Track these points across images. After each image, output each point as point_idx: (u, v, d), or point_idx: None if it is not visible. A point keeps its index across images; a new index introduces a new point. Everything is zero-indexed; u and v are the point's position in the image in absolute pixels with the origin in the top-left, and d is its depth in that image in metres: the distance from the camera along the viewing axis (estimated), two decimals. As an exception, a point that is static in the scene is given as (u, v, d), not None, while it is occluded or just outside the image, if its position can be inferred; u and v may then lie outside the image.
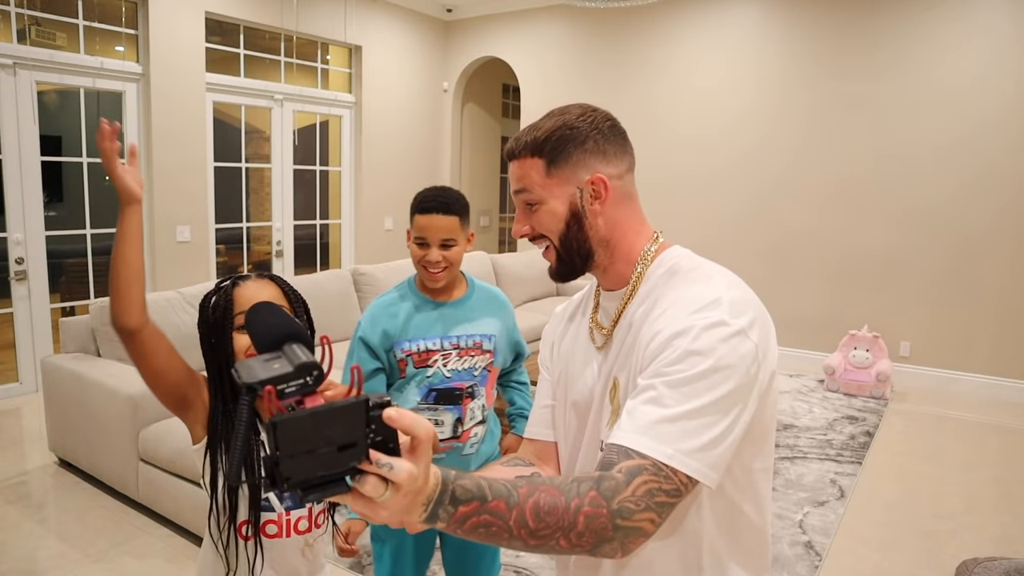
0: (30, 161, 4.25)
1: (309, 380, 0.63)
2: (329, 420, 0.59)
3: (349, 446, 0.60)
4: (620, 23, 6.01)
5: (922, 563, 2.65)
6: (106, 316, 3.18)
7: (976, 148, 4.67)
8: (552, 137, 0.94)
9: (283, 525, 1.20)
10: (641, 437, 0.78)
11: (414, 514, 0.66)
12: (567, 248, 0.96)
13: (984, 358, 4.77)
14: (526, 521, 0.71)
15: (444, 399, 1.58)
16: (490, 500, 0.70)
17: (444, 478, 0.68)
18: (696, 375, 0.80)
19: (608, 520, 0.73)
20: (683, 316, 0.85)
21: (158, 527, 2.78)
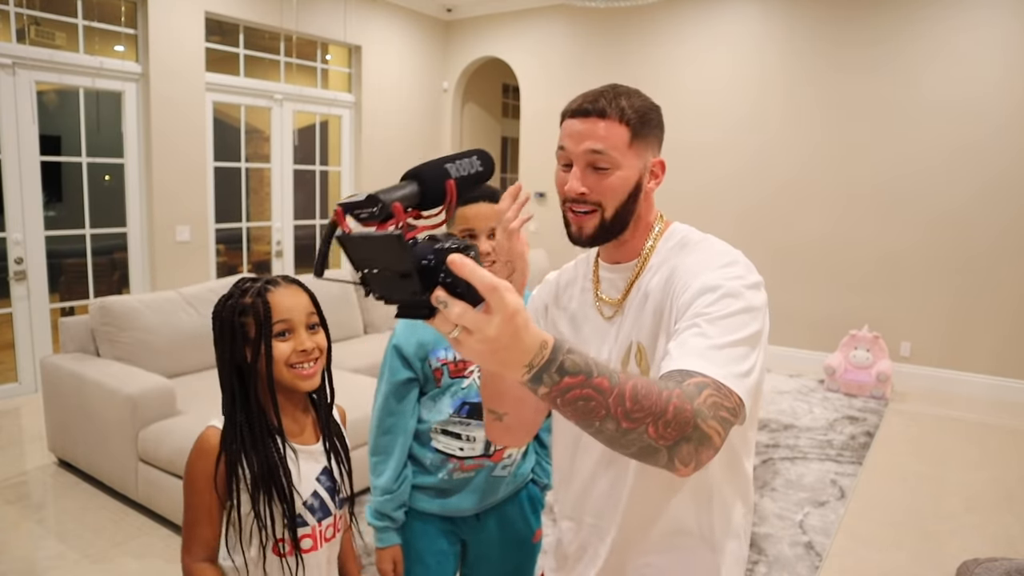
0: (29, 161, 4.25)
1: (375, 211, 0.69)
2: (373, 245, 0.65)
3: (406, 275, 0.64)
4: (620, 23, 6.01)
5: (922, 563, 2.65)
6: (105, 316, 3.19)
7: (979, 150, 4.67)
8: (641, 112, 0.99)
9: (316, 537, 1.19)
10: (696, 359, 0.85)
11: (514, 370, 0.69)
12: (617, 216, 1.01)
13: (985, 358, 4.77)
14: (624, 401, 0.73)
15: (477, 414, 1.48)
16: (595, 376, 0.72)
17: (556, 346, 0.70)
18: (731, 312, 0.90)
19: (692, 416, 0.77)
20: (711, 270, 0.95)
21: (158, 527, 2.77)
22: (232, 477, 1.11)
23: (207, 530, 1.12)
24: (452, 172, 0.77)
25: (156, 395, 2.85)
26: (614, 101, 0.98)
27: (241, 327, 1.13)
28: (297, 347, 1.15)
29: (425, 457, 1.51)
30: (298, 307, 1.16)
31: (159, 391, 2.87)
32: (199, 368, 3.46)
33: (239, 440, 1.12)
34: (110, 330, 3.19)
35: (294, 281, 1.20)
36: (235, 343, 1.13)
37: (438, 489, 1.52)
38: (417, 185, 0.74)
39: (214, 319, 1.17)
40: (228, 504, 1.13)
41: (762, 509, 3.03)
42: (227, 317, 1.14)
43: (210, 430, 1.14)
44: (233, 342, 1.14)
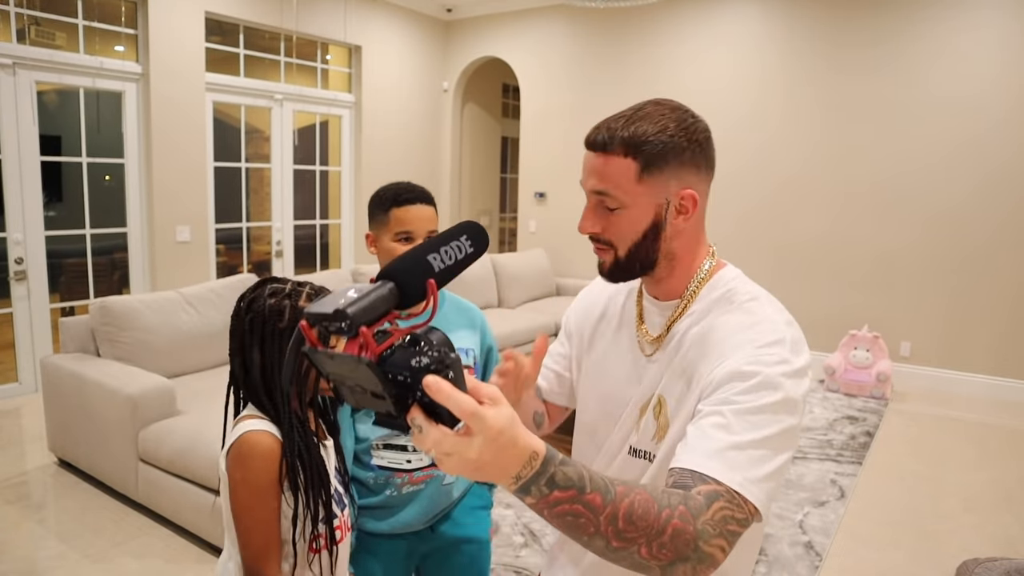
0: (30, 161, 4.25)
1: (343, 326, 0.63)
2: (341, 363, 0.62)
3: (378, 396, 0.62)
4: (620, 23, 6.01)
5: (922, 563, 2.65)
6: (106, 316, 3.19)
7: (980, 150, 4.67)
8: (652, 140, 0.87)
9: (343, 527, 1.22)
10: (711, 462, 0.78)
11: (501, 481, 0.66)
12: (633, 257, 0.92)
13: (984, 358, 4.77)
14: (616, 520, 0.69)
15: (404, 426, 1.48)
16: (588, 492, 0.68)
17: (548, 458, 0.67)
18: (762, 407, 0.81)
19: (692, 538, 0.72)
20: (751, 349, 0.86)
21: (158, 527, 2.77)
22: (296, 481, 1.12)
23: (277, 536, 1.11)
24: (435, 265, 0.70)
25: (156, 395, 2.86)
26: (624, 130, 0.88)
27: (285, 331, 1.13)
28: None
29: (367, 477, 1.44)
30: None
31: (159, 391, 2.87)
32: (199, 368, 3.46)
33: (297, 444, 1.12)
34: (110, 330, 3.19)
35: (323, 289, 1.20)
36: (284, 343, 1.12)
37: (385, 507, 1.45)
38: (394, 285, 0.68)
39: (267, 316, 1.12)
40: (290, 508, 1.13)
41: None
42: (292, 319, 1.12)
43: (258, 435, 1.11)
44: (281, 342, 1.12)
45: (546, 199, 6.64)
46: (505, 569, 2.52)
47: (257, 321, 1.13)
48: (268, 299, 1.14)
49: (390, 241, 1.41)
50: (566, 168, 6.39)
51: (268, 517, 1.09)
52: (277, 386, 1.13)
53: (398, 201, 1.41)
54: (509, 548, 2.66)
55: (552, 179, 6.55)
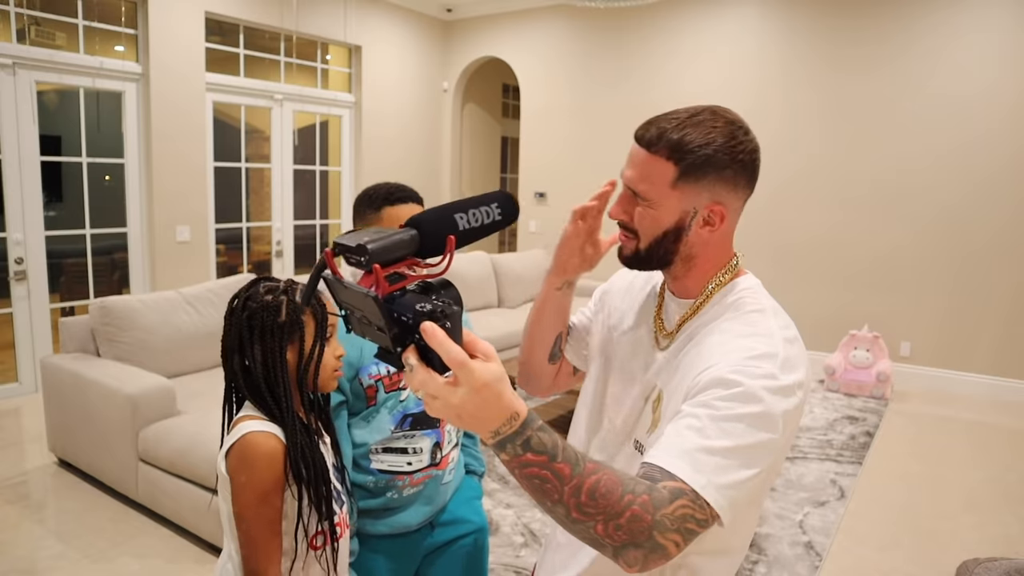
0: (30, 161, 4.25)
1: (363, 260, 0.68)
2: (355, 295, 0.67)
3: (380, 330, 0.67)
4: (620, 23, 6.01)
5: (922, 563, 2.65)
6: (106, 316, 3.19)
7: (981, 151, 4.67)
8: (699, 151, 0.89)
9: (342, 524, 1.22)
10: (679, 461, 0.80)
11: (480, 433, 0.71)
12: (651, 252, 0.95)
13: (985, 358, 4.77)
14: (580, 493, 0.73)
15: (421, 423, 1.44)
16: (558, 461, 0.72)
17: (527, 421, 0.72)
18: (741, 415, 0.82)
19: (648, 527, 0.74)
20: (738, 358, 0.86)
21: (158, 527, 2.77)
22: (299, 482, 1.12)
23: (279, 539, 1.11)
24: (459, 224, 0.74)
25: (156, 395, 2.86)
26: (672, 132, 0.89)
27: (302, 325, 1.14)
28: (335, 352, 1.19)
29: (367, 481, 1.44)
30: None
31: (159, 391, 2.87)
32: (199, 368, 3.47)
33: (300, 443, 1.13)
34: (110, 330, 3.19)
35: None
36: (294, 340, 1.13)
37: (387, 509, 1.46)
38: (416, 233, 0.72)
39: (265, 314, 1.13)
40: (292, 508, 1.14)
41: (762, 509, 3.03)
42: (291, 313, 1.13)
43: (260, 436, 1.11)
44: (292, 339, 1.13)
45: (546, 199, 6.63)
46: (505, 569, 2.52)
47: (256, 317, 1.13)
48: (265, 296, 1.14)
49: None
50: (566, 168, 6.39)
51: (272, 518, 1.10)
52: (280, 383, 1.13)
53: (391, 199, 1.42)
54: (509, 548, 2.66)
55: (552, 179, 6.54)
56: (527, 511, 2.97)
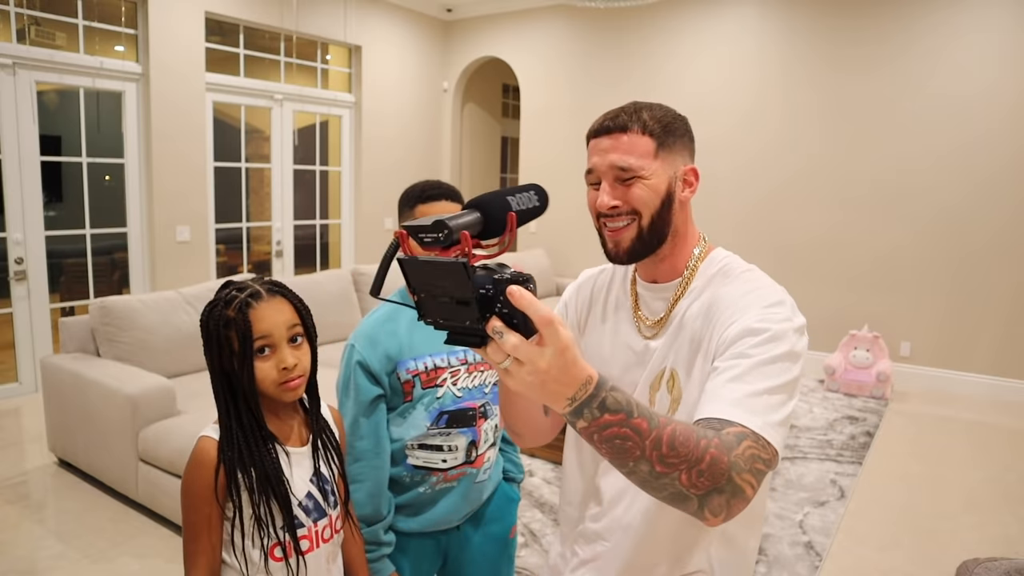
0: (30, 161, 4.25)
1: (440, 236, 0.70)
2: (435, 271, 0.66)
3: (464, 303, 0.66)
4: (620, 23, 6.01)
5: (922, 563, 2.65)
6: (106, 316, 3.19)
7: (981, 151, 4.67)
8: (664, 121, 1.00)
9: (313, 538, 1.19)
10: (735, 409, 0.84)
11: (557, 402, 0.70)
12: (653, 227, 1.00)
13: (985, 358, 4.77)
14: (660, 445, 0.74)
15: (457, 421, 1.43)
16: (635, 416, 0.73)
17: (600, 382, 0.72)
18: (774, 358, 0.88)
19: (727, 468, 0.77)
20: (758, 309, 0.94)
21: (158, 527, 2.77)
22: (232, 485, 1.12)
23: (208, 542, 1.12)
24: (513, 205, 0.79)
25: (156, 395, 2.86)
26: (635, 115, 0.99)
27: (227, 340, 1.13)
28: (279, 364, 1.14)
29: (402, 476, 1.44)
30: (280, 323, 1.15)
31: (159, 391, 2.87)
32: (199, 368, 3.46)
33: (236, 448, 1.12)
34: (110, 330, 3.19)
35: (279, 291, 1.18)
36: (222, 353, 1.13)
37: (416, 504, 1.46)
38: (480, 214, 0.76)
39: (202, 326, 1.16)
40: (232, 511, 1.13)
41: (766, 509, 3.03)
42: (212, 328, 1.14)
43: (205, 441, 1.14)
44: (220, 352, 1.13)
45: (546, 199, 6.62)
46: (505, 569, 2.52)
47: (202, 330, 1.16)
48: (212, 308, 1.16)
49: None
50: (566, 168, 6.39)
51: (198, 522, 1.11)
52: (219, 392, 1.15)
53: (423, 197, 1.44)
54: (509, 548, 2.66)
55: (552, 179, 6.54)
56: (527, 511, 2.96)
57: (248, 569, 1.14)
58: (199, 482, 1.11)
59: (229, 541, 1.14)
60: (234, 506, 1.12)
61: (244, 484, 1.12)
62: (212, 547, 1.12)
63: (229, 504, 1.13)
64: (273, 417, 1.19)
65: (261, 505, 1.12)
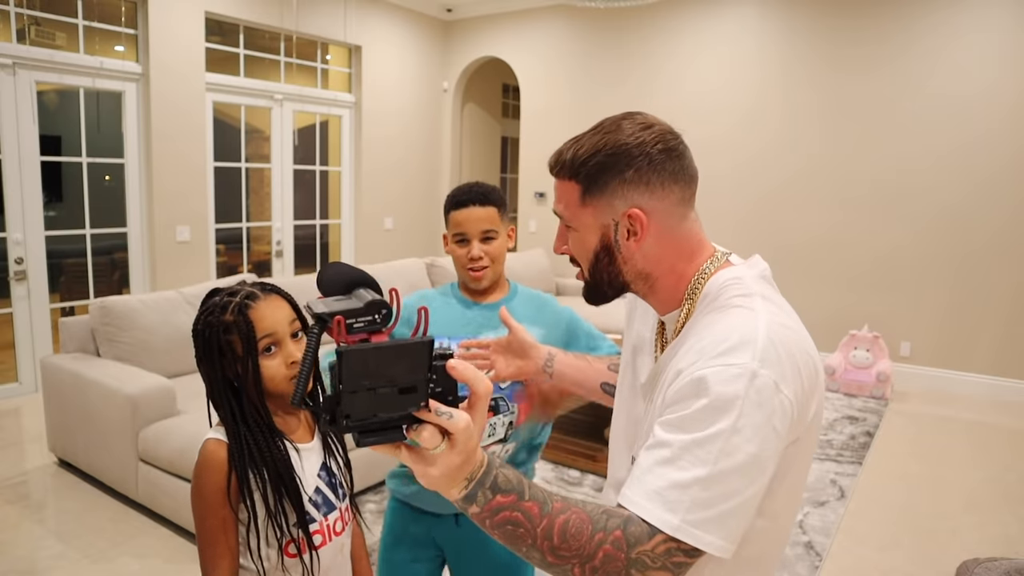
0: (30, 161, 4.25)
1: (377, 318, 0.64)
2: (393, 357, 0.60)
3: (409, 390, 0.61)
4: (620, 23, 6.01)
5: (922, 563, 2.65)
6: (106, 316, 3.19)
7: (981, 151, 4.67)
8: (590, 162, 0.85)
9: (325, 532, 1.19)
10: (648, 503, 0.72)
11: (455, 486, 0.67)
12: (596, 279, 0.90)
13: (985, 358, 4.77)
14: (551, 535, 0.70)
15: None
16: (526, 499, 0.70)
17: (489, 461, 0.69)
18: (712, 436, 0.72)
19: (623, 567, 0.70)
20: (704, 358, 0.76)
21: (158, 527, 2.77)
22: (244, 488, 1.11)
23: (225, 545, 1.11)
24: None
25: (156, 395, 2.86)
26: (567, 153, 0.87)
27: (228, 345, 1.12)
28: (287, 360, 1.14)
29: None
30: (281, 319, 1.15)
31: (159, 391, 2.87)
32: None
33: (247, 449, 1.12)
34: (110, 330, 3.19)
35: (273, 290, 1.18)
36: (224, 361, 1.13)
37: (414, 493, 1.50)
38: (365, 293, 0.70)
39: (196, 337, 1.15)
40: (246, 515, 1.13)
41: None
42: (211, 337, 1.13)
43: (212, 443, 1.13)
44: (222, 360, 1.13)
45: (546, 199, 6.63)
46: (505, 569, 2.52)
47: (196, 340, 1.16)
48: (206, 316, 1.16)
49: (452, 243, 1.47)
50: (566, 168, 6.38)
51: (215, 526, 1.10)
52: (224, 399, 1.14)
53: (454, 203, 1.46)
54: (509, 548, 2.66)
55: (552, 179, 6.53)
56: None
57: (265, 569, 1.14)
58: (211, 485, 1.10)
59: (245, 544, 1.13)
60: (247, 509, 1.12)
61: (257, 485, 1.11)
62: (231, 549, 1.11)
63: (242, 507, 1.12)
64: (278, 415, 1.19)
65: (275, 504, 1.12)
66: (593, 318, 5.88)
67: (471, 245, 1.43)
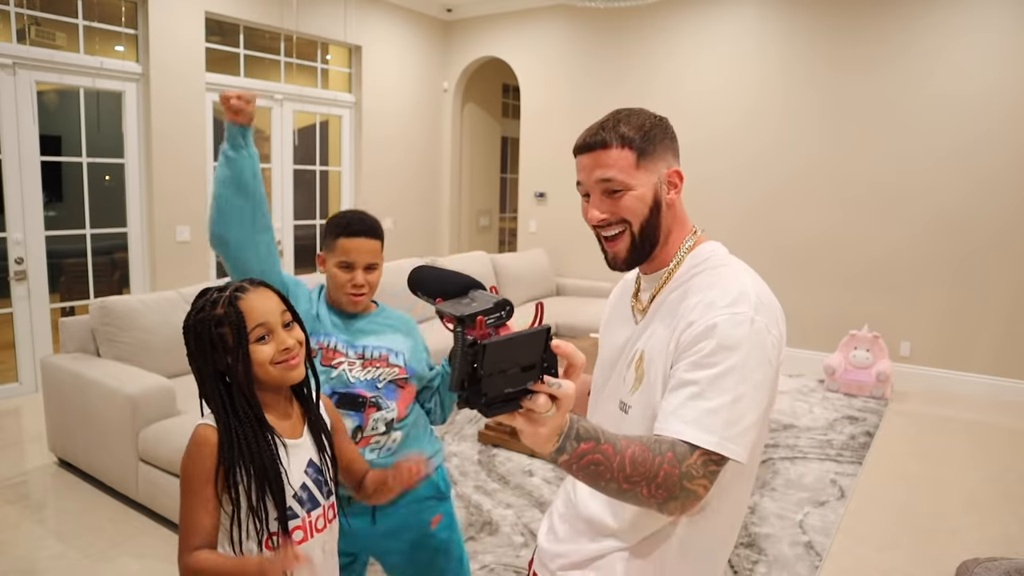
0: (30, 161, 4.25)
1: (503, 314, 0.80)
2: (520, 345, 0.73)
3: (529, 368, 0.74)
4: (620, 23, 6.01)
5: (922, 563, 2.65)
6: (106, 316, 3.19)
7: (981, 151, 4.67)
8: (643, 130, 1.03)
9: (307, 528, 1.20)
10: (691, 429, 0.90)
11: (550, 442, 0.80)
12: (644, 234, 1.05)
13: (985, 358, 4.77)
14: (624, 467, 0.85)
15: (346, 403, 1.53)
16: (602, 442, 0.84)
17: (570, 416, 0.81)
18: (732, 367, 0.91)
19: (678, 480, 0.87)
20: (715, 310, 0.95)
21: (158, 527, 2.78)
22: (230, 479, 1.12)
23: (205, 521, 1.12)
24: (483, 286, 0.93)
25: (156, 395, 2.86)
26: (614, 130, 1.03)
27: (220, 338, 1.14)
28: (279, 347, 1.16)
29: None
30: (271, 309, 1.18)
31: (159, 391, 2.87)
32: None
33: (236, 443, 1.13)
34: (110, 330, 3.19)
35: (260, 283, 1.21)
36: (216, 354, 1.15)
37: None
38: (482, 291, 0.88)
39: (187, 333, 1.16)
40: (231, 507, 1.14)
41: (762, 509, 3.03)
42: (203, 331, 1.15)
43: (203, 428, 1.15)
44: (214, 353, 1.15)
45: (546, 199, 6.63)
46: (505, 569, 2.52)
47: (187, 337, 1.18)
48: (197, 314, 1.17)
49: (334, 266, 1.58)
50: (566, 168, 6.39)
51: (196, 503, 1.11)
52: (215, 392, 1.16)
53: (348, 231, 1.57)
54: (509, 548, 2.66)
55: (552, 179, 6.54)
56: (527, 511, 2.97)
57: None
58: (200, 462, 1.12)
59: (227, 536, 1.14)
60: (231, 501, 1.13)
61: (243, 480, 1.12)
62: (209, 527, 1.12)
63: (227, 498, 1.14)
64: (272, 410, 1.20)
65: (257, 500, 1.13)
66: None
67: (355, 273, 1.56)
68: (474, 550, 2.63)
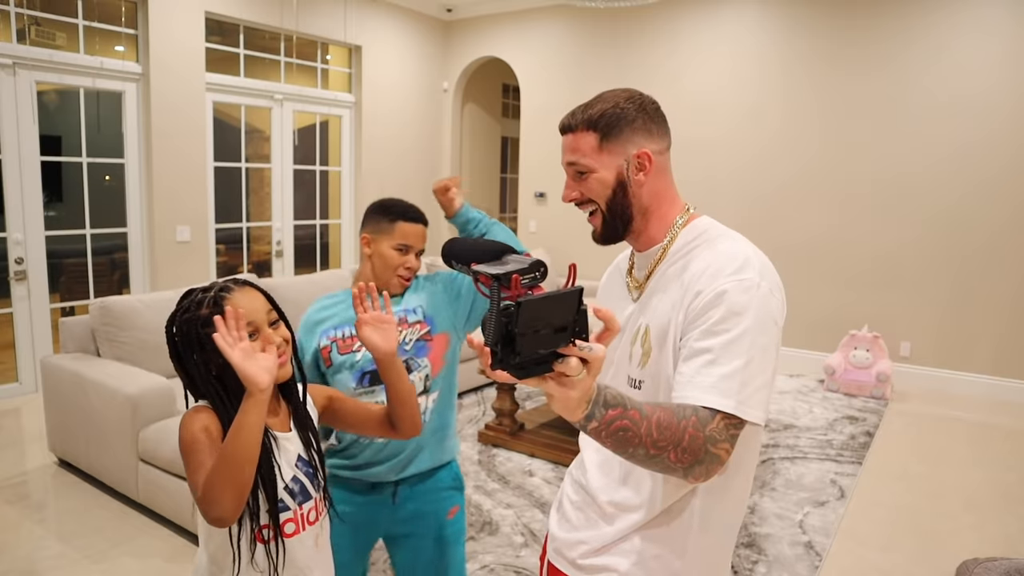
0: (30, 161, 4.25)
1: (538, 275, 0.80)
2: (554, 304, 0.72)
3: (561, 329, 0.74)
4: (620, 23, 6.01)
5: (922, 563, 2.65)
6: (106, 316, 3.19)
7: (980, 150, 4.67)
8: (605, 115, 1.06)
9: (298, 520, 1.21)
10: (709, 395, 0.92)
11: (580, 408, 0.80)
12: (612, 213, 1.09)
13: (984, 358, 4.77)
14: (651, 431, 0.86)
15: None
16: (630, 409, 0.85)
17: (598, 385, 0.82)
18: (742, 333, 0.94)
19: (703, 443, 0.89)
20: (722, 277, 0.98)
21: (158, 527, 2.78)
22: None
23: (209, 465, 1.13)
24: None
25: (156, 395, 2.86)
26: (582, 113, 1.08)
27: (207, 337, 1.13)
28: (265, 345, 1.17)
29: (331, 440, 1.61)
30: (257, 308, 1.18)
31: (159, 391, 2.87)
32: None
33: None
34: (110, 330, 3.19)
35: (245, 282, 1.22)
36: (204, 354, 1.15)
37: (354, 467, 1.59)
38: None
39: (173, 335, 1.17)
40: None
41: (762, 509, 3.03)
42: (189, 331, 1.15)
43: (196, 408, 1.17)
44: (203, 354, 1.15)
45: (546, 199, 6.63)
46: (505, 569, 2.52)
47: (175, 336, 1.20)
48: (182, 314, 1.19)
49: (390, 248, 1.63)
50: (566, 168, 6.39)
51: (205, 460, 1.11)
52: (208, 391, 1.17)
53: (407, 217, 1.66)
54: (509, 548, 2.66)
55: (552, 179, 6.54)
56: (527, 511, 2.97)
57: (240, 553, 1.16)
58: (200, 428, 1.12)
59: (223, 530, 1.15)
60: None
61: None
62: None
63: None
64: None
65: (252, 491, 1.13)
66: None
67: (409, 256, 1.63)
68: (474, 550, 2.63)
